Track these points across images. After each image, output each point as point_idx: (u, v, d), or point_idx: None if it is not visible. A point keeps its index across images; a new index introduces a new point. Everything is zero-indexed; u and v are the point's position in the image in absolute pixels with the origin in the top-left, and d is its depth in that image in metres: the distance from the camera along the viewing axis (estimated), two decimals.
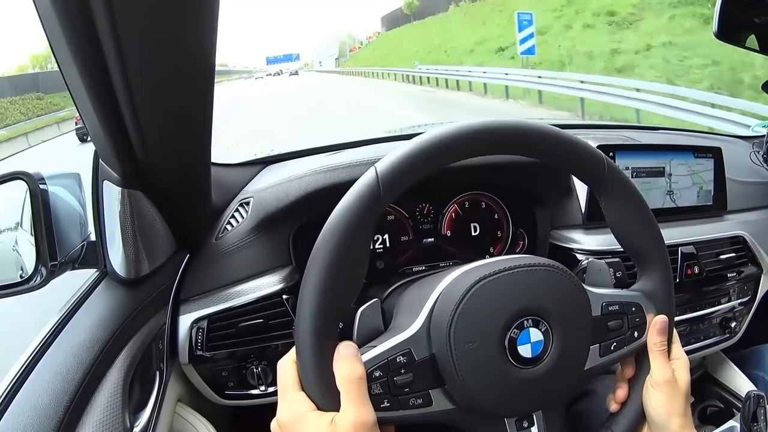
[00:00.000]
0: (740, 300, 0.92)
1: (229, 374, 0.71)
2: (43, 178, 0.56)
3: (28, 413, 0.45)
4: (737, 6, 0.90)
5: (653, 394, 0.48)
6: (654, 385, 0.48)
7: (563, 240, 0.83)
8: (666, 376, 0.47)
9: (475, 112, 9.36)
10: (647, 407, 0.48)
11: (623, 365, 0.51)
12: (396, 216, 0.85)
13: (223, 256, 0.72)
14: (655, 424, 0.48)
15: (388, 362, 0.41)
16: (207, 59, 0.45)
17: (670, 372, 0.48)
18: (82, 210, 0.60)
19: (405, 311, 0.49)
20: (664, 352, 0.48)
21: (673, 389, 0.47)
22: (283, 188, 0.74)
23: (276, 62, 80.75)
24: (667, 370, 0.48)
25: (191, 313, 0.68)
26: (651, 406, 0.48)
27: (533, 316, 0.43)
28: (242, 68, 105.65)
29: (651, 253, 0.50)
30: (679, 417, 0.47)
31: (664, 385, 0.47)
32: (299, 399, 0.40)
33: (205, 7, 0.40)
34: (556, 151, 0.46)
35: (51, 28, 0.39)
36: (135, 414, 0.55)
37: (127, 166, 0.53)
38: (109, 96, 0.43)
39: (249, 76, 74.58)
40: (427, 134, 0.42)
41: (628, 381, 0.50)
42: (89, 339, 0.53)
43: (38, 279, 0.55)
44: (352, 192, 0.41)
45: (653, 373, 0.48)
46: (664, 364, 0.48)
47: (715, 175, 0.92)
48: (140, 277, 0.60)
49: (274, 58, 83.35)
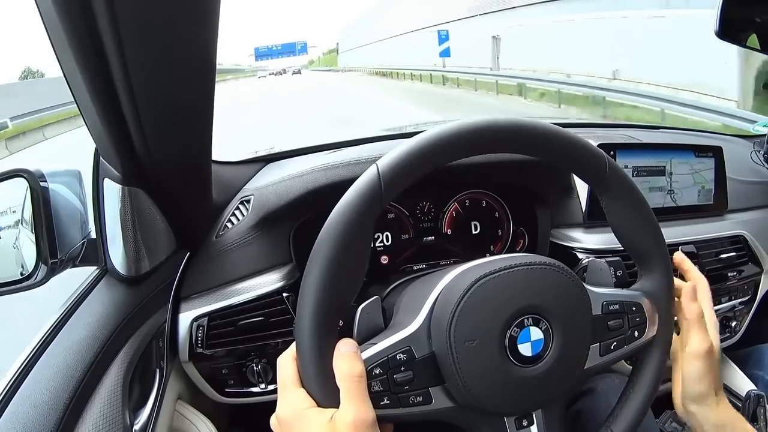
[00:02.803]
0: (740, 299, 0.92)
1: (229, 372, 0.71)
2: (43, 176, 0.56)
3: (28, 411, 0.45)
4: (738, 5, 0.89)
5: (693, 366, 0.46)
6: (694, 356, 0.46)
7: (564, 239, 0.83)
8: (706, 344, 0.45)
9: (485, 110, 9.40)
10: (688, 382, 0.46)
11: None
12: (396, 214, 0.85)
13: (224, 254, 0.72)
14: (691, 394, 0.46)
15: (388, 360, 0.41)
16: (208, 56, 0.45)
17: (709, 340, 0.46)
18: (83, 207, 0.60)
19: (405, 309, 0.49)
20: (702, 320, 0.46)
21: (711, 358, 0.46)
22: (284, 186, 0.74)
23: (269, 56, 50.11)
24: (707, 338, 0.46)
25: (191, 311, 0.68)
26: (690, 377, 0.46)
27: (533, 315, 0.43)
28: (232, 66, 79.90)
29: (652, 252, 0.50)
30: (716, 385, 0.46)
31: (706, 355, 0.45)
32: (299, 395, 0.40)
33: (205, 2, 0.40)
34: (557, 149, 0.46)
35: (52, 25, 0.39)
36: (135, 412, 0.55)
37: (127, 164, 0.53)
38: (109, 93, 0.43)
39: (240, 76, 57.36)
40: (428, 132, 0.42)
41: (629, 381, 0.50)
42: (89, 337, 0.53)
43: (39, 276, 0.55)
44: (353, 189, 0.41)
45: (692, 343, 0.46)
46: (703, 334, 0.46)
47: (715, 175, 0.92)
48: (140, 274, 0.60)
49: (268, 50, 49.62)
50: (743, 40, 0.93)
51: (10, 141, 12.05)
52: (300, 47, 50.74)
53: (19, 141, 12.43)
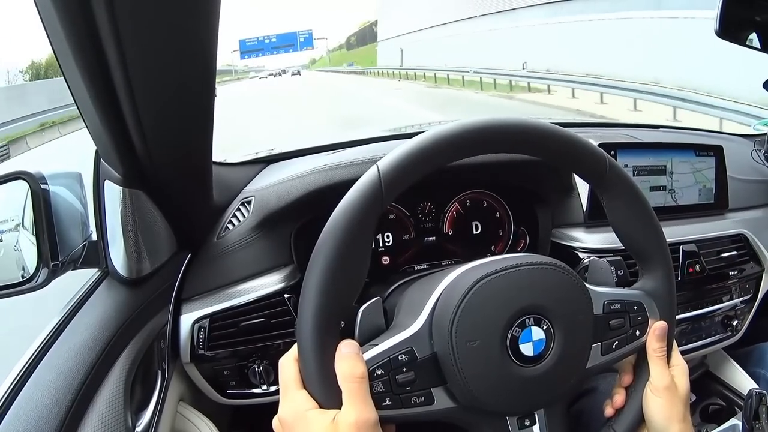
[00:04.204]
0: (742, 298, 0.92)
1: (231, 373, 0.71)
2: (44, 178, 0.56)
3: (29, 413, 0.45)
4: (738, 5, 0.89)
5: (653, 399, 0.48)
6: (653, 391, 0.48)
7: (565, 238, 0.83)
8: (665, 381, 0.47)
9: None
10: (647, 412, 0.48)
11: (621, 372, 0.51)
12: (397, 215, 0.85)
13: (225, 256, 0.72)
14: (656, 430, 0.48)
15: (389, 360, 0.41)
16: (208, 57, 0.45)
17: (669, 378, 0.48)
18: (84, 210, 0.60)
19: (407, 310, 0.49)
20: (663, 357, 0.48)
21: (672, 395, 0.47)
22: (285, 187, 0.74)
23: (260, 51, 36.44)
24: (666, 376, 0.48)
25: (193, 313, 0.68)
26: (651, 411, 0.48)
27: (535, 315, 0.43)
28: (225, 67, 62.46)
29: (653, 251, 0.50)
30: (679, 422, 0.47)
31: (663, 391, 0.47)
32: (301, 397, 0.40)
33: (205, 3, 0.40)
34: (558, 149, 0.46)
35: (51, 27, 0.39)
36: (137, 413, 0.55)
37: (128, 166, 0.53)
38: (110, 95, 0.43)
39: (233, 79, 46.72)
40: (428, 132, 0.42)
41: (626, 388, 0.50)
42: (91, 339, 0.53)
43: (40, 279, 0.55)
44: (354, 190, 0.41)
45: (652, 378, 0.48)
46: (663, 370, 0.48)
47: (716, 174, 0.92)
48: (142, 276, 0.60)
49: (258, 43, 36.24)
50: (743, 40, 0.93)
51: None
52: (303, 39, 35.88)
53: None
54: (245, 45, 36.45)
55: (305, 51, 39.00)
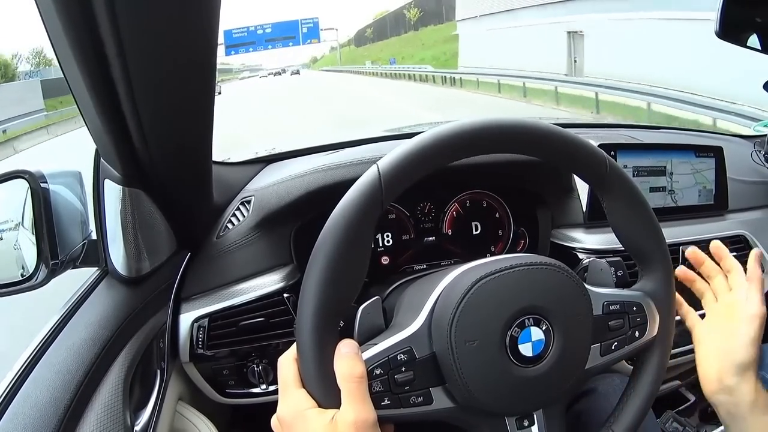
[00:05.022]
0: None
1: (230, 373, 0.71)
2: (44, 177, 0.56)
3: (28, 412, 0.45)
4: (739, 5, 0.89)
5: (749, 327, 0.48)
6: (751, 319, 0.48)
7: (564, 239, 0.83)
8: (764, 308, 0.48)
9: None
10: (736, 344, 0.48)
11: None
12: (397, 215, 0.85)
13: (224, 255, 0.72)
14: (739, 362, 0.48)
15: (388, 360, 0.41)
16: (208, 56, 0.45)
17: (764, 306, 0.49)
18: (83, 208, 0.60)
19: (406, 309, 0.49)
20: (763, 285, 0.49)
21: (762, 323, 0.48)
22: (285, 187, 0.74)
23: (252, 44, 28.12)
24: (763, 304, 0.49)
25: (192, 312, 0.68)
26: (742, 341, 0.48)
27: (534, 315, 0.43)
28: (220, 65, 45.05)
29: (652, 252, 0.50)
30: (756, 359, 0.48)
31: (760, 318, 0.48)
32: (300, 396, 0.40)
33: (206, 3, 0.40)
34: (558, 149, 0.46)
35: (51, 25, 0.39)
36: (136, 413, 0.55)
37: (128, 165, 0.53)
38: (110, 94, 0.43)
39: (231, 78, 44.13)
40: (428, 132, 0.42)
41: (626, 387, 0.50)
42: (90, 338, 0.53)
43: (39, 277, 0.55)
44: (353, 190, 0.41)
45: (751, 305, 0.49)
46: (761, 297, 0.49)
47: (716, 175, 0.92)
48: (141, 275, 0.60)
49: (249, 34, 27.95)
50: (744, 41, 0.92)
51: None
52: (307, 29, 27.39)
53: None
54: (231, 37, 27.88)
55: (308, 45, 29.77)
